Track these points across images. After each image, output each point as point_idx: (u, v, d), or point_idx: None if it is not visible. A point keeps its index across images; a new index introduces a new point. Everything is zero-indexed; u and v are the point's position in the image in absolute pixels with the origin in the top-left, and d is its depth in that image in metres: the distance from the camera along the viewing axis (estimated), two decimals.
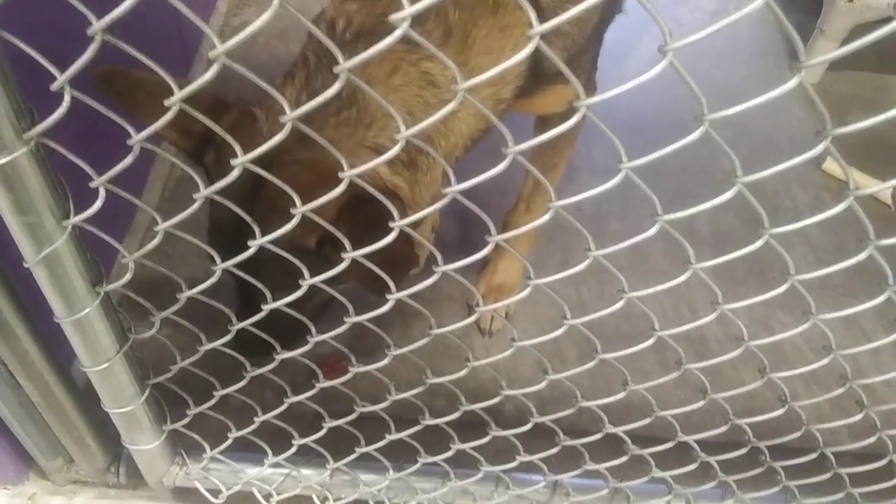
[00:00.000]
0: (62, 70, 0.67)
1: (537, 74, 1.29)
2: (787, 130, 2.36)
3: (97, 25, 0.61)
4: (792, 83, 0.65)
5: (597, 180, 0.77)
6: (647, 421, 1.19)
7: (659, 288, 0.88)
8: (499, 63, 1.14)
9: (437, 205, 0.80)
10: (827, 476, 1.28)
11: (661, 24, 0.58)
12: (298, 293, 0.97)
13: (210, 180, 1.15)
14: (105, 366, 1.05)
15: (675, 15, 2.75)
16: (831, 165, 2.23)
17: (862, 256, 0.82)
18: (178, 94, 0.70)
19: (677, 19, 2.73)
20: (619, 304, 0.91)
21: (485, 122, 1.26)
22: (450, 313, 1.83)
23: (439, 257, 0.89)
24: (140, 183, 1.91)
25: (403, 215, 0.84)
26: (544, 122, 1.60)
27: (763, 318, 1.92)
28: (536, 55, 0.65)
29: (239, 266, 0.95)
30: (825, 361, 1.00)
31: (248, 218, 0.88)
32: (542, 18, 0.68)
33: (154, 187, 1.97)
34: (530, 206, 1.76)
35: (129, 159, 0.75)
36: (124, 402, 1.15)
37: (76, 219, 0.84)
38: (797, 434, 1.20)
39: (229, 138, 0.76)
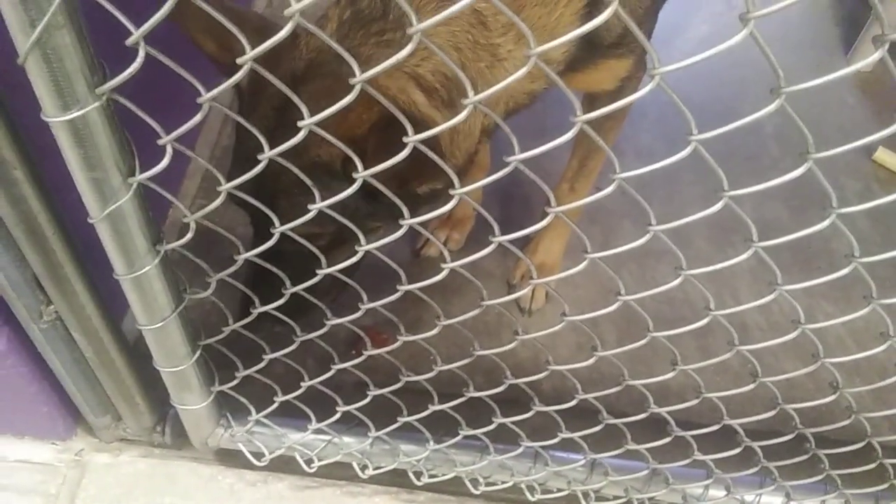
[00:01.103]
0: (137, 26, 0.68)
1: (590, 46, 1.27)
2: (836, 119, 2.31)
3: None
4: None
5: (642, 163, 0.76)
6: (694, 402, 1.18)
7: (720, 266, 0.87)
8: (552, 17, 1.11)
9: (499, 174, 0.80)
10: (871, 466, 1.27)
11: None
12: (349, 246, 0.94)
13: (240, 104, 1.14)
14: (161, 324, 1.07)
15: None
16: (882, 155, 2.18)
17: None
18: (250, 53, 0.71)
19: (729, 1, 2.69)
20: (678, 282, 0.90)
21: (532, 82, 1.24)
22: (489, 291, 1.84)
23: (496, 227, 0.89)
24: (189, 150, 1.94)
25: (436, 143, 0.82)
26: (592, 101, 1.58)
27: (807, 308, 1.92)
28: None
29: (262, 201, 0.93)
30: (883, 348, 0.99)
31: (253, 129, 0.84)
32: None
33: (201, 155, 2.00)
34: (574, 187, 1.75)
35: (198, 117, 0.76)
36: (176, 361, 1.17)
37: (142, 176, 0.85)
38: (846, 422, 1.19)
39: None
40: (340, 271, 1.02)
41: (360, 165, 0.82)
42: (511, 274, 1.93)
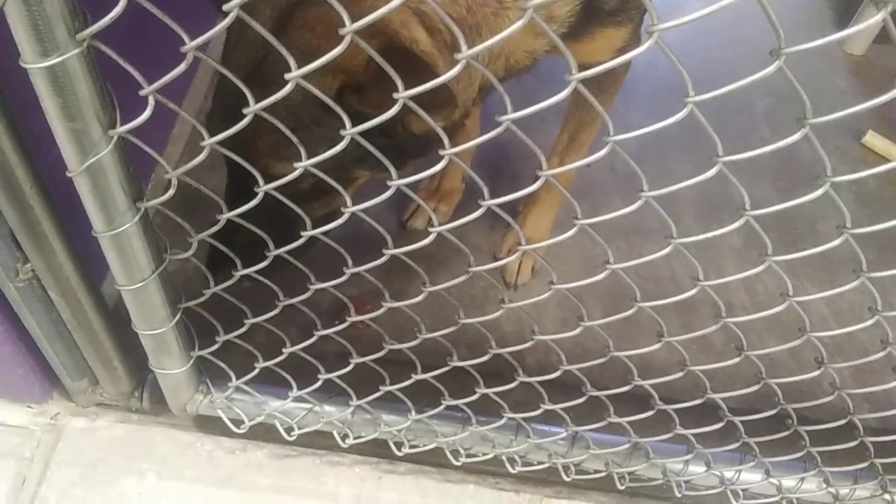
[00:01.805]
0: None
1: (591, 12, 1.25)
2: (828, 103, 2.30)
3: None
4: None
5: (633, 140, 0.74)
6: (679, 375, 1.18)
7: (710, 234, 0.86)
8: None
9: (492, 134, 0.78)
10: (851, 445, 1.27)
11: None
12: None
13: (227, 39, 1.06)
14: (140, 285, 1.05)
15: None
16: (871, 139, 2.18)
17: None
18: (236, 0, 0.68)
19: None
20: (667, 250, 0.90)
21: (534, 38, 1.20)
22: (476, 264, 1.83)
23: (486, 191, 0.88)
24: (174, 114, 1.90)
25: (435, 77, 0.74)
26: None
27: (793, 288, 1.93)
28: None
29: (233, 140, 0.83)
30: (871, 322, 0.99)
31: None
32: None
33: (187, 120, 1.96)
34: (564, 161, 1.73)
35: (182, 66, 0.73)
36: (155, 323, 1.15)
37: (123, 128, 0.83)
38: (829, 398, 1.19)
39: None
40: (320, 225, 0.97)
41: (343, 114, 0.79)
42: (498, 248, 1.92)
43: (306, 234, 0.98)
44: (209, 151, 0.86)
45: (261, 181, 0.90)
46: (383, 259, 1.00)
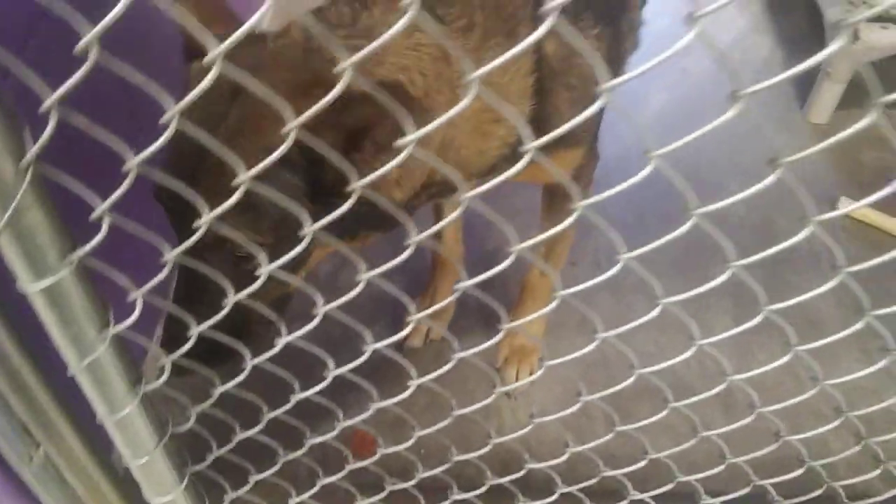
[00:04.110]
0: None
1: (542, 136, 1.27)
2: (797, 172, 2.33)
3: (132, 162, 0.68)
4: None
5: (609, 203, 0.76)
6: (642, 464, 1.20)
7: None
8: (506, 95, 1.06)
9: (456, 213, 0.79)
10: None
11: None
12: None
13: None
14: (146, 460, 1.09)
15: (681, 65, 2.79)
16: (846, 206, 2.24)
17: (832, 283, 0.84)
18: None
19: (684, 69, 2.77)
20: (655, 312, 0.90)
21: (482, 142, 1.17)
22: (474, 377, 1.79)
23: (455, 345, 0.93)
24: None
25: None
26: (552, 192, 1.61)
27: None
28: (543, 113, 0.63)
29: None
30: (814, 392, 1.00)
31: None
32: (547, 67, 0.62)
33: None
34: (544, 272, 1.78)
35: (165, 271, 0.81)
36: (164, 490, 1.19)
37: (115, 329, 0.89)
38: (799, 471, 1.20)
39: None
40: (274, 300, 0.97)
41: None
42: (494, 357, 1.92)
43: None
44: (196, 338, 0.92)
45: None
46: (408, 392, 1.05)
